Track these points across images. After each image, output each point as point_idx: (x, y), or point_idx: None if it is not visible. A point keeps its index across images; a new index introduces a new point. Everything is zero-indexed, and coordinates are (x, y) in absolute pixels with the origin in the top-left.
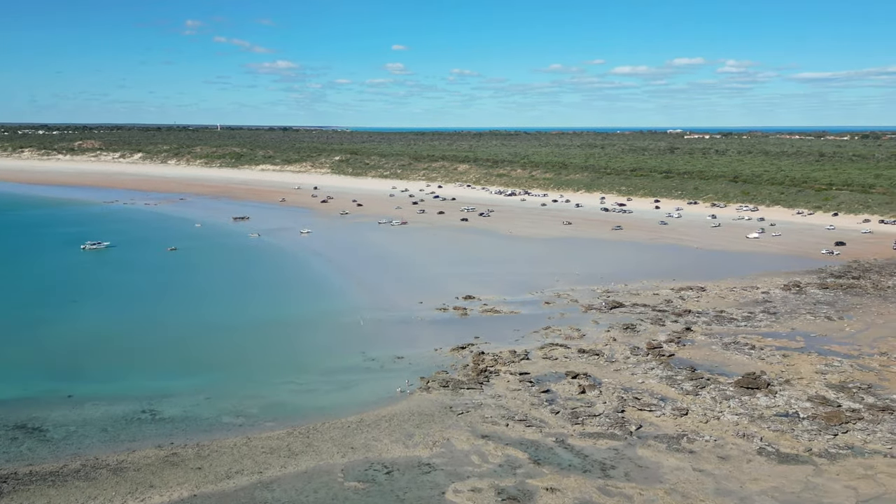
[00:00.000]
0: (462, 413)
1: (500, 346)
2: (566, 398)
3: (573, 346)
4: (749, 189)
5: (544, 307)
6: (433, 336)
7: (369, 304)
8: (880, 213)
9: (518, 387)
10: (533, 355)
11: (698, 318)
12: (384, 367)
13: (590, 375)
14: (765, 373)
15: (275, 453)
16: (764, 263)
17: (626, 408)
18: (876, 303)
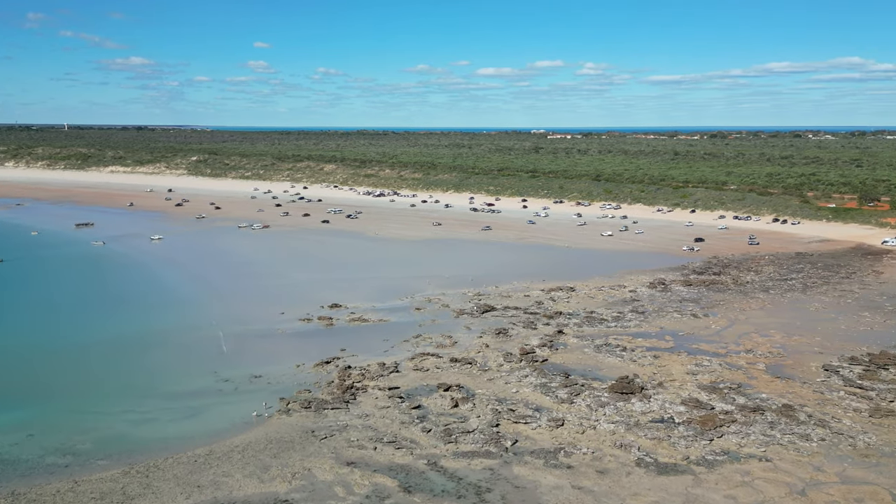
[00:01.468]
0: (325, 437)
1: (369, 358)
2: (438, 413)
3: (445, 355)
4: (611, 188)
5: (415, 313)
6: (295, 350)
7: (225, 316)
8: (734, 209)
9: (387, 403)
10: (403, 367)
11: (569, 319)
12: (239, 389)
13: (463, 387)
14: (638, 376)
15: (106, 498)
16: (629, 261)
17: (500, 421)
18: (737, 298)
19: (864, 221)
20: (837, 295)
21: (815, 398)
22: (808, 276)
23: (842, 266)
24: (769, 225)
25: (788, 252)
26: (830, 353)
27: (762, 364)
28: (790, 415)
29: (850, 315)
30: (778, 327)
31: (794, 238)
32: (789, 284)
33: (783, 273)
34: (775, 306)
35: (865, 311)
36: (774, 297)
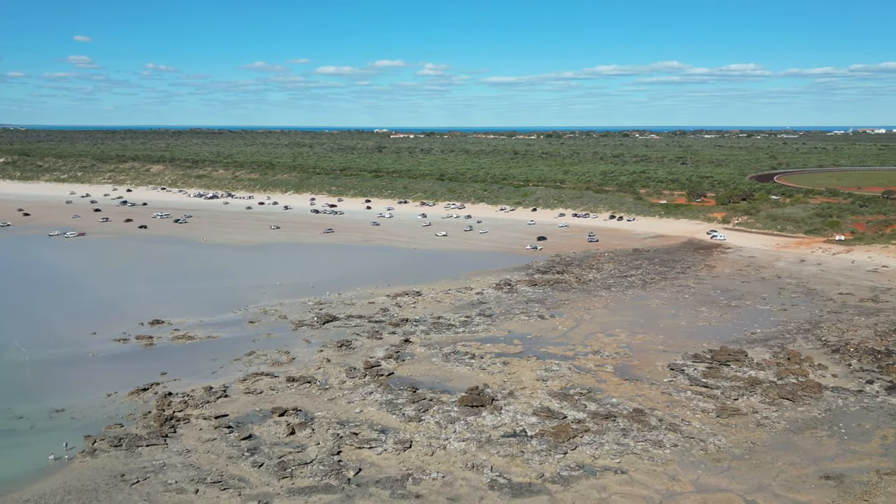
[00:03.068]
0: (137, 482)
1: (194, 382)
2: (272, 443)
3: (281, 374)
4: (455, 187)
5: (248, 327)
6: (107, 377)
7: (26, 339)
8: (573, 206)
9: (213, 435)
10: (233, 390)
11: (416, 326)
12: (36, 427)
13: (301, 410)
14: (488, 386)
15: None
16: (475, 262)
17: (342, 447)
18: (581, 297)
19: (693, 217)
20: (675, 290)
21: (663, 400)
22: (647, 273)
23: (677, 261)
24: (607, 222)
25: (626, 248)
26: (674, 350)
27: (610, 366)
28: (642, 420)
29: (688, 311)
30: (622, 326)
31: (630, 234)
32: (629, 281)
33: (623, 270)
34: (618, 304)
35: (702, 307)
36: (616, 295)
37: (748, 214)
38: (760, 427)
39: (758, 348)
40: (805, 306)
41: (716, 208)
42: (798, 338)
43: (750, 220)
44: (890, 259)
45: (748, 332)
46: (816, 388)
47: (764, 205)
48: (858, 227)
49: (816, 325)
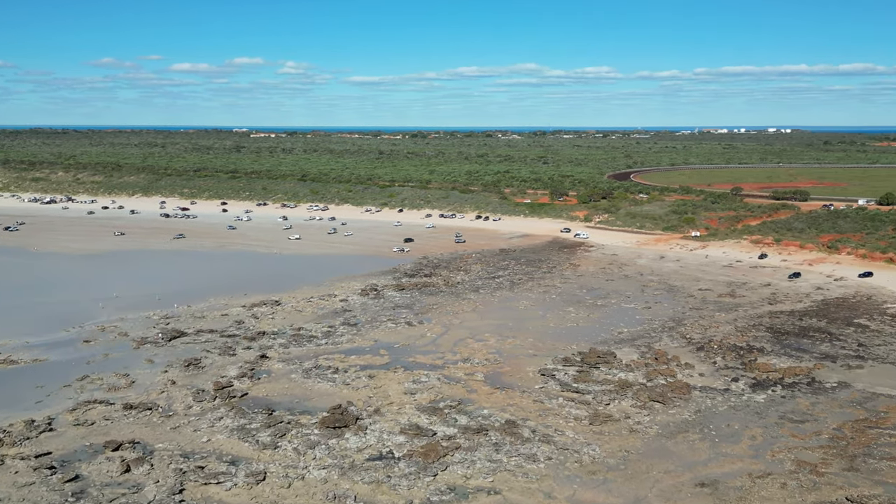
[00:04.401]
0: None
1: (12, 414)
2: (103, 484)
3: (118, 401)
4: (318, 188)
5: (83, 348)
6: None
7: None
8: (439, 207)
9: (31, 478)
10: (60, 423)
11: (274, 340)
12: None
13: (139, 442)
14: (352, 403)
15: None
16: (339, 266)
17: (186, 484)
18: (450, 301)
19: (556, 215)
20: (542, 291)
21: (536, 409)
22: (514, 273)
23: (543, 261)
24: (473, 222)
25: (493, 249)
26: (544, 354)
27: (481, 374)
28: (514, 432)
29: (556, 311)
30: (492, 330)
31: (497, 234)
32: (497, 282)
33: (491, 271)
34: (487, 307)
35: (570, 306)
36: (485, 297)
37: (609, 212)
38: (633, 433)
39: (626, 348)
40: (668, 303)
41: (578, 207)
42: (664, 336)
43: (611, 218)
44: (743, 254)
45: (615, 332)
46: (685, 388)
47: (623, 203)
48: (712, 224)
49: (680, 322)
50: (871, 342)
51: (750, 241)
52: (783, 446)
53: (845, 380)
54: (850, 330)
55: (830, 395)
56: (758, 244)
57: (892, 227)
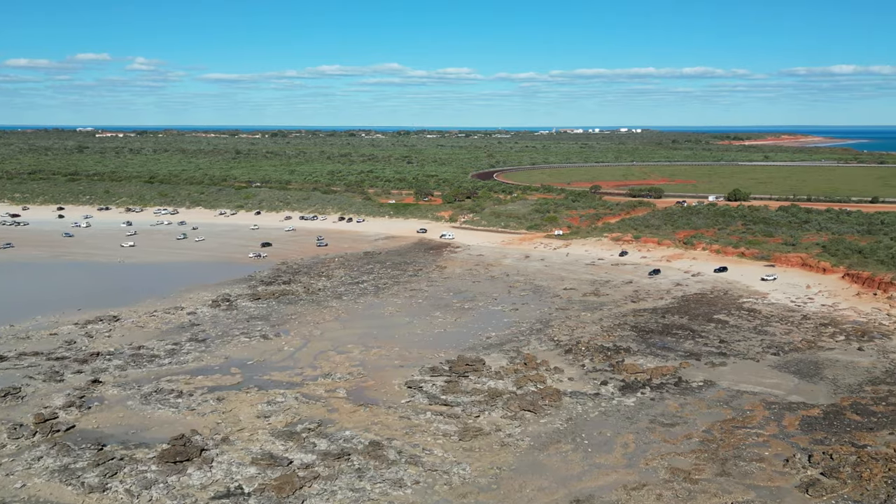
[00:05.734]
0: None
1: None
2: None
3: None
4: (167, 190)
5: None
6: None
7: None
8: (300, 208)
9: None
10: None
11: (110, 361)
12: None
13: None
14: (197, 431)
15: None
16: (189, 275)
17: None
18: (311, 310)
19: (422, 216)
20: (408, 295)
21: (402, 426)
22: (379, 277)
23: (409, 263)
24: (336, 224)
25: (357, 252)
26: (411, 364)
27: (343, 390)
28: (379, 455)
29: (423, 317)
30: (355, 340)
31: (360, 236)
32: (361, 288)
33: (354, 276)
34: (350, 315)
35: (437, 311)
36: (348, 304)
37: (474, 212)
38: (505, 447)
39: (494, 354)
40: (535, 304)
41: (443, 207)
42: (532, 339)
43: (476, 217)
44: (604, 251)
45: (483, 337)
46: (556, 395)
47: (488, 202)
48: (574, 222)
49: (547, 323)
50: (732, 338)
51: (610, 239)
52: (656, 453)
53: (710, 378)
54: (710, 326)
55: (698, 395)
56: (618, 242)
57: (741, 223)
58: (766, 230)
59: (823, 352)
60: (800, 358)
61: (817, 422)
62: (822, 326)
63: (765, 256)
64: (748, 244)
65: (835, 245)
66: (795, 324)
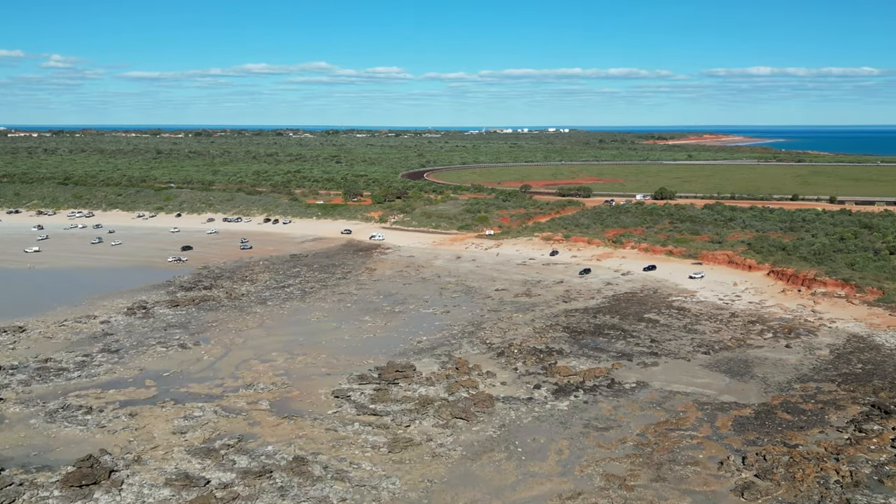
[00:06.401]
0: None
1: None
2: None
3: None
4: (82, 192)
5: None
6: None
7: None
8: (223, 210)
9: None
10: None
11: (13, 376)
12: None
13: None
14: (107, 451)
15: None
16: (103, 282)
17: None
18: (233, 316)
19: (351, 217)
20: (336, 299)
21: (328, 439)
22: (306, 281)
23: (337, 266)
24: (261, 226)
25: (283, 254)
26: (339, 372)
27: (266, 401)
28: (303, 471)
29: (352, 322)
30: (280, 347)
31: (287, 238)
32: (288, 292)
33: (280, 280)
34: (275, 321)
35: (366, 315)
36: (273, 310)
37: (404, 212)
38: (436, 458)
39: (426, 359)
40: (466, 306)
41: (372, 207)
42: (464, 342)
43: (406, 218)
44: (535, 251)
45: (414, 341)
46: (488, 400)
47: (418, 202)
48: (504, 222)
49: (479, 326)
50: (663, 337)
51: (541, 239)
52: (590, 459)
53: (643, 379)
54: (641, 325)
55: (631, 397)
56: (549, 241)
57: (668, 221)
58: (692, 228)
59: (752, 350)
60: (730, 356)
61: (749, 422)
62: (751, 324)
63: (692, 254)
64: (676, 242)
65: (759, 242)
66: (724, 322)
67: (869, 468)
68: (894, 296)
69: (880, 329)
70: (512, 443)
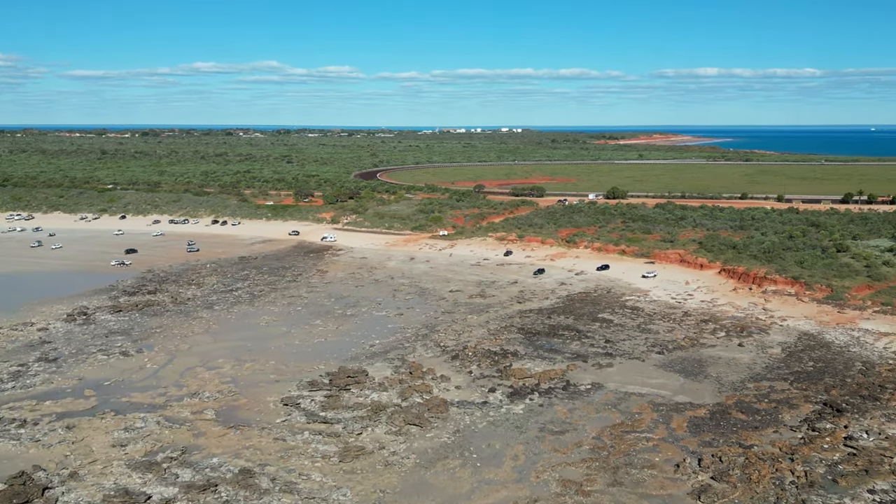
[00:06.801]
0: None
1: None
2: None
3: None
4: (22, 193)
5: None
6: None
7: None
8: (170, 212)
9: None
10: None
11: None
12: None
13: None
14: (41, 467)
15: None
16: (42, 287)
17: None
18: (178, 322)
19: (302, 218)
20: (287, 303)
21: (277, 449)
22: (255, 284)
23: (287, 268)
24: (209, 227)
25: (231, 257)
26: (288, 378)
27: (211, 411)
28: (250, 484)
29: (302, 326)
30: (227, 354)
31: (236, 240)
32: (235, 296)
33: (228, 283)
34: (222, 326)
35: (317, 319)
36: (220, 315)
37: (357, 213)
38: (389, 467)
39: (378, 363)
40: (420, 308)
41: (324, 208)
42: (417, 346)
43: (359, 218)
44: (489, 251)
45: (367, 345)
46: (442, 405)
47: (371, 203)
48: (458, 222)
49: (433, 328)
50: (617, 337)
51: (495, 239)
52: (546, 464)
53: (598, 380)
54: (596, 326)
55: (586, 399)
56: (503, 241)
57: (621, 220)
58: (644, 227)
59: (706, 349)
60: (684, 356)
61: (704, 422)
62: (703, 323)
63: (645, 254)
64: (628, 241)
65: (710, 241)
66: (677, 321)
67: (823, 468)
68: (842, 293)
69: (829, 326)
70: (467, 449)
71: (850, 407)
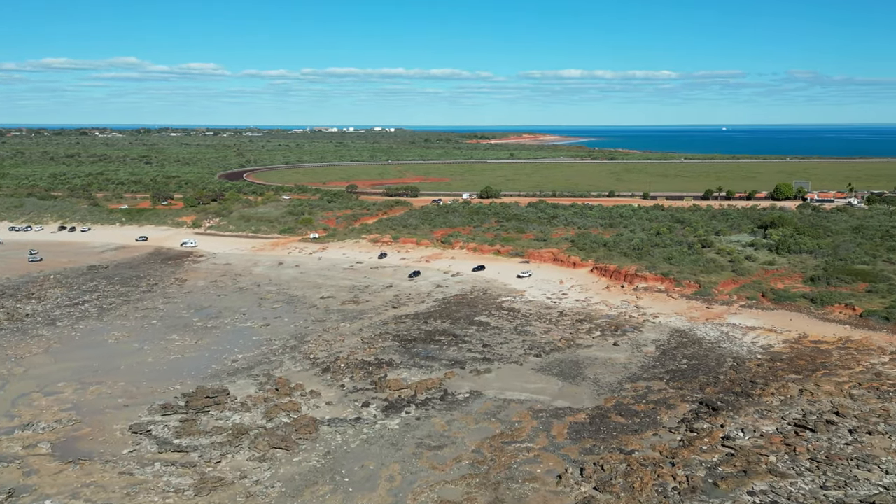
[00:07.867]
0: None
1: None
2: None
3: None
4: None
5: None
6: None
7: None
8: (10, 218)
9: None
10: None
11: None
12: None
13: None
14: None
15: None
16: None
17: None
18: (13, 341)
19: (160, 222)
20: (140, 316)
21: (122, 485)
22: (105, 296)
23: (142, 277)
24: (55, 234)
25: (79, 266)
26: (139, 402)
27: (47, 444)
28: None
29: (157, 342)
30: (69, 376)
31: (85, 248)
32: (82, 310)
33: (74, 296)
34: (65, 345)
35: (174, 333)
36: (63, 332)
37: (220, 216)
38: (251, 499)
39: (241, 381)
40: (289, 317)
41: (185, 211)
42: (285, 359)
43: (223, 222)
44: (363, 254)
45: (229, 361)
46: (312, 424)
47: (236, 205)
48: (330, 224)
49: (303, 339)
50: (494, 341)
51: (369, 241)
52: (424, 483)
53: (476, 388)
54: (473, 329)
55: (465, 409)
56: (377, 243)
57: (495, 220)
58: (518, 227)
59: (582, 349)
60: (561, 358)
61: (585, 428)
62: (579, 322)
63: (519, 253)
64: (503, 241)
65: (582, 239)
66: (553, 321)
67: (703, 471)
68: (710, 288)
69: (700, 322)
70: (338, 472)
71: (725, 405)
